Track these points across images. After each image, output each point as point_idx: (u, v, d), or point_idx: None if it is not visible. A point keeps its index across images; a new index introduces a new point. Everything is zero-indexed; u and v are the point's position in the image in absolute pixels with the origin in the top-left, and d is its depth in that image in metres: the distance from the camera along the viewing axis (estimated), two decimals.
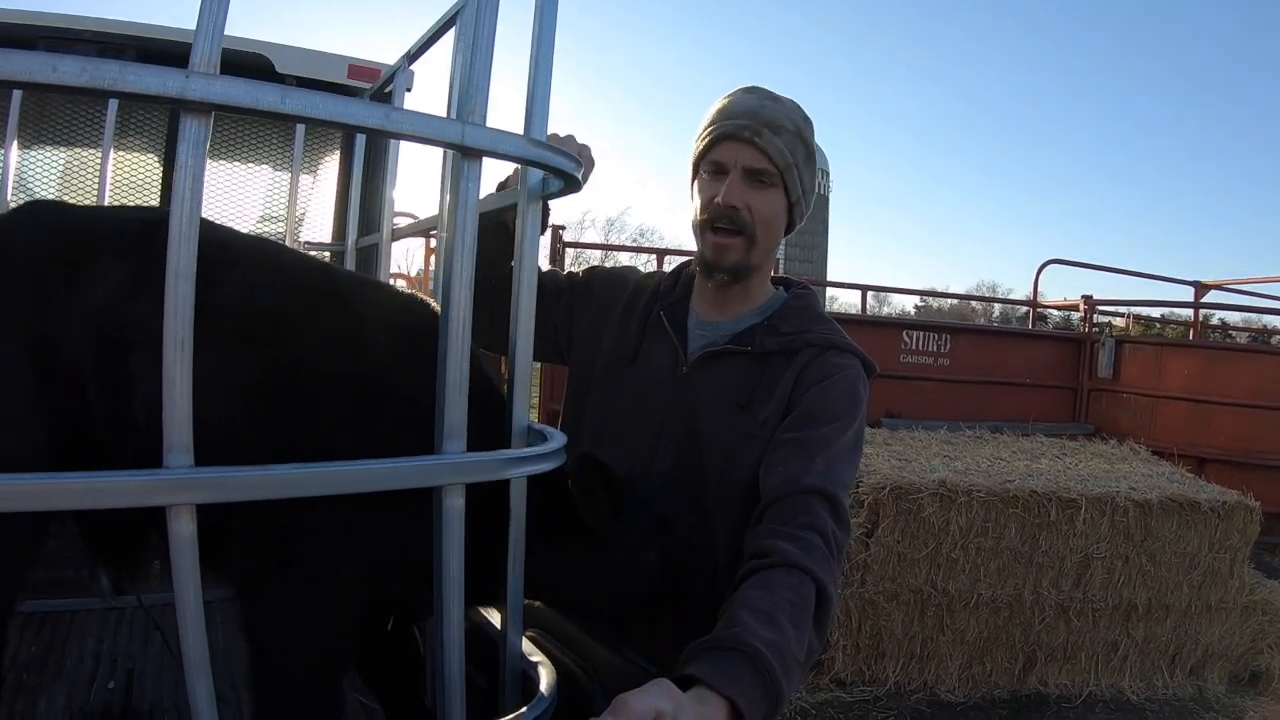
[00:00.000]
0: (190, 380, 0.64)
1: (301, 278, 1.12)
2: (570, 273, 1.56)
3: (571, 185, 0.93)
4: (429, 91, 2.51)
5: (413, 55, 1.76)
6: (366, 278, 1.25)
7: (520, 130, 0.87)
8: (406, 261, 13.56)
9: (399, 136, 0.73)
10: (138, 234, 1.04)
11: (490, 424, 0.93)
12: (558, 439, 0.92)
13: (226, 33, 0.65)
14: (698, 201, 1.36)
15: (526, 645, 1.03)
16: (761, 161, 1.30)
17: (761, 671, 0.94)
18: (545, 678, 0.99)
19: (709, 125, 1.34)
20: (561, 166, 0.88)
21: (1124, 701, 3.71)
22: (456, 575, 0.82)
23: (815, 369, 1.31)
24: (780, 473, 1.21)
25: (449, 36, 1.58)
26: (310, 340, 1.04)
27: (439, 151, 1.15)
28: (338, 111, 0.67)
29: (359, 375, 1.04)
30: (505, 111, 0.86)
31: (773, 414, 1.29)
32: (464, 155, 0.79)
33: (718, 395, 1.33)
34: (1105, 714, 3.60)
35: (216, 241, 0.93)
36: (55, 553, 2.16)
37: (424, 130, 0.74)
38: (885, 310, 27.68)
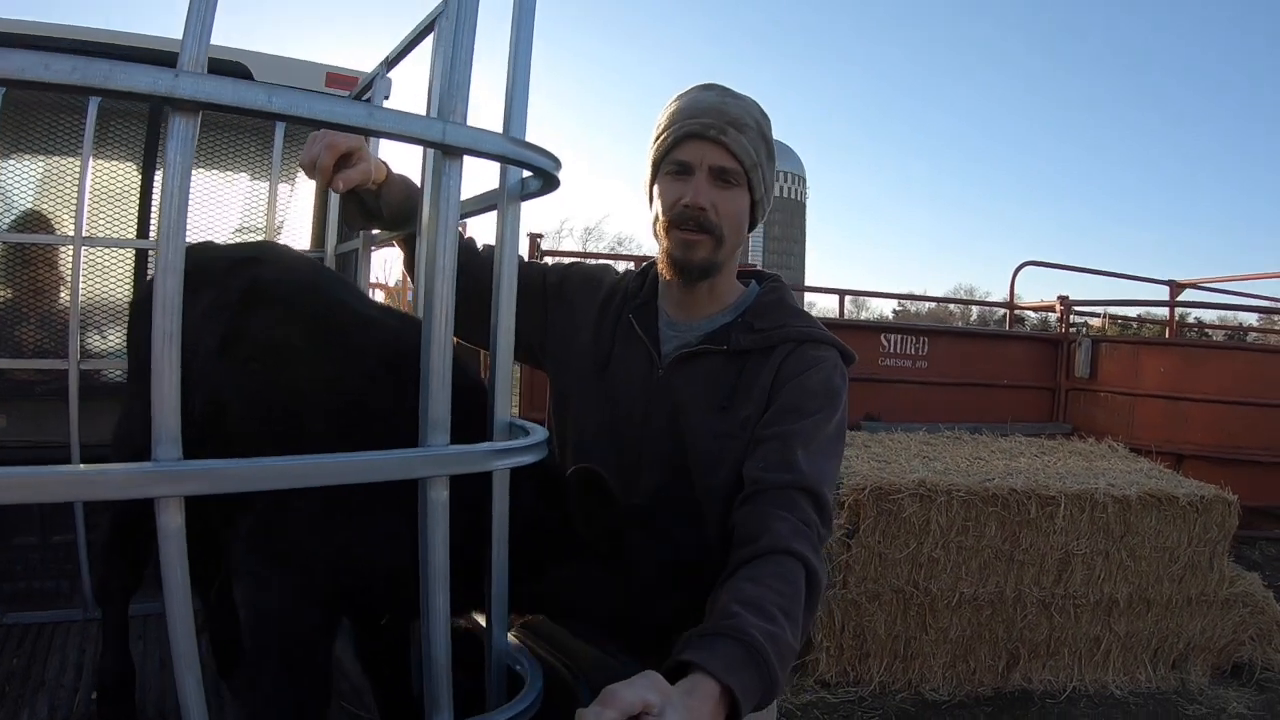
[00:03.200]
0: (178, 373, 0.65)
1: (328, 317, 1.21)
2: (546, 268, 1.51)
3: (550, 184, 0.94)
4: (402, 101, 2.52)
5: (391, 62, 1.77)
6: (396, 313, 1.33)
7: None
8: (384, 272, 13.49)
9: (382, 135, 0.74)
10: (224, 269, 1.28)
11: (474, 421, 0.94)
12: (539, 433, 0.93)
13: None
14: (660, 204, 1.33)
15: (511, 642, 1.04)
16: (728, 160, 1.28)
17: (759, 660, 0.95)
18: (530, 674, 1.00)
19: (671, 124, 1.30)
20: (541, 165, 0.89)
21: (1107, 696, 3.74)
22: (441, 567, 0.83)
23: (792, 363, 1.29)
24: (762, 469, 1.20)
25: (424, 45, 1.59)
26: (318, 370, 1.13)
27: (418, 158, 1.16)
28: (322, 110, 0.68)
29: (353, 402, 1.10)
30: (479, 115, 0.87)
31: (753, 412, 1.28)
32: (445, 154, 0.80)
33: (696, 397, 1.31)
34: (1089, 709, 3.63)
35: (266, 281, 1.24)
36: (36, 565, 2.17)
37: (407, 129, 0.75)
38: (863, 314, 27.85)
